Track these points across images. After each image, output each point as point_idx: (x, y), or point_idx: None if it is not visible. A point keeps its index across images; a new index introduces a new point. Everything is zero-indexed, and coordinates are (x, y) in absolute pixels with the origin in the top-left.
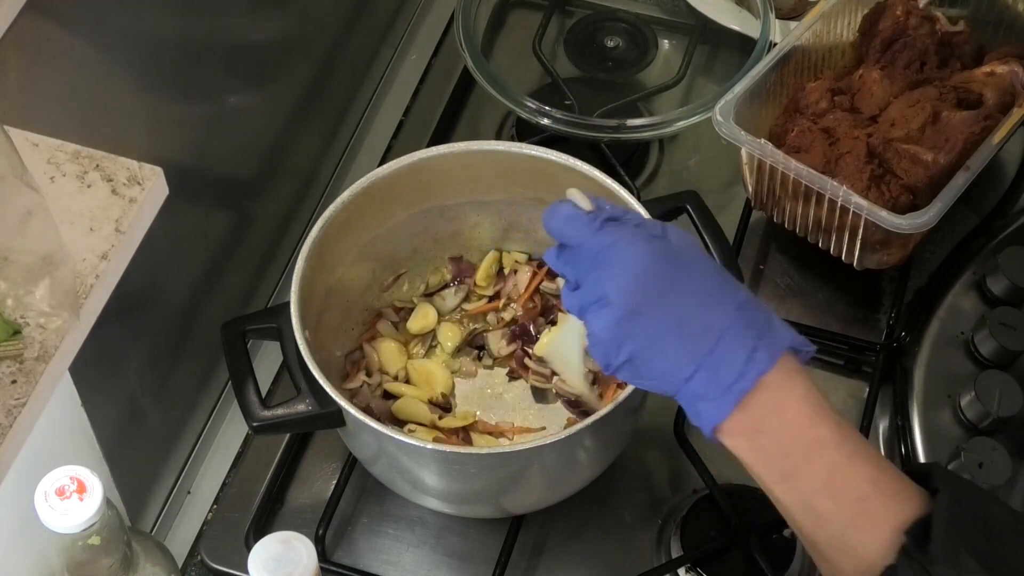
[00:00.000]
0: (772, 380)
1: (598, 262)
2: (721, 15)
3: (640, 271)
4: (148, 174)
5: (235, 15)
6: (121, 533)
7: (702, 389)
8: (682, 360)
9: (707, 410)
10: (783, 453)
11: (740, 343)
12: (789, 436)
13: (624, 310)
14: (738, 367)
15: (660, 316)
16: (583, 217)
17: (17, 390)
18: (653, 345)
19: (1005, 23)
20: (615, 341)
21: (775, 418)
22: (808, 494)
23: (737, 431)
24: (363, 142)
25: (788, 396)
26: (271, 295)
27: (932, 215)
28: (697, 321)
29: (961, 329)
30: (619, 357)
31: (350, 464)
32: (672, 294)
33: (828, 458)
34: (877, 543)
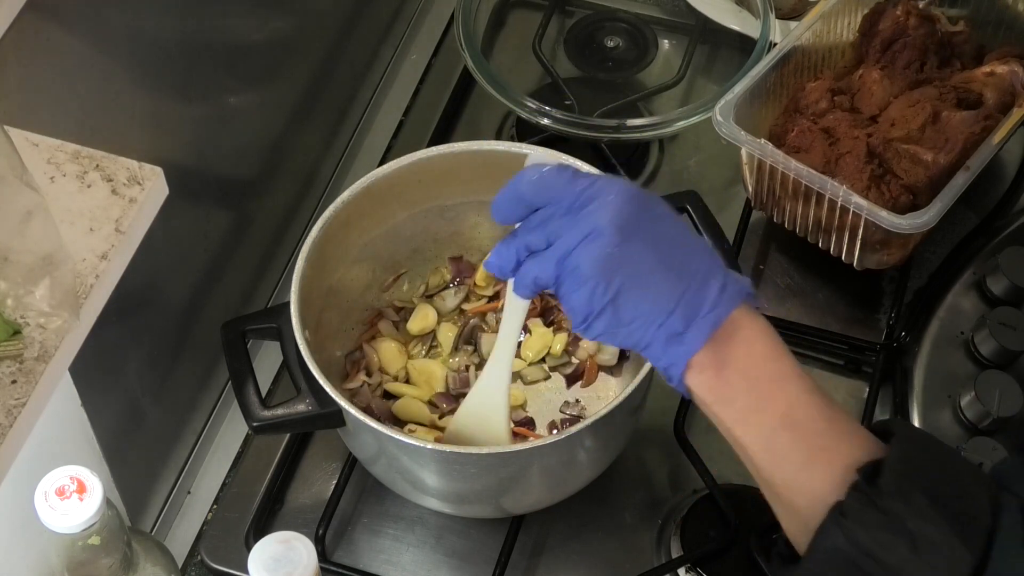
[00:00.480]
0: (738, 316)
1: (580, 204)
2: (721, 15)
3: (629, 198)
4: (148, 174)
5: (235, 15)
6: (121, 533)
7: (680, 324)
8: (665, 297)
9: (684, 341)
10: (748, 386)
11: (715, 278)
12: (755, 367)
13: (618, 237)
14: (713, 299)
15: (650, 245)
16: (553, 170)
17: (17, 390)
18: (642, 276)
19: (1005, 23)
20: (606, 275)
21: (742, 349)
22: (769, 429)
23: (707, 364)
24: (363, 142)
25: (753, 331)
26: (271, 295)
27: (932, 215)
28: (677, 259)
29: (961, 329)
30: (607, 294)
31: (350, 464)
32: (659, 226)
33: (789, 391)
34: (833, 481)
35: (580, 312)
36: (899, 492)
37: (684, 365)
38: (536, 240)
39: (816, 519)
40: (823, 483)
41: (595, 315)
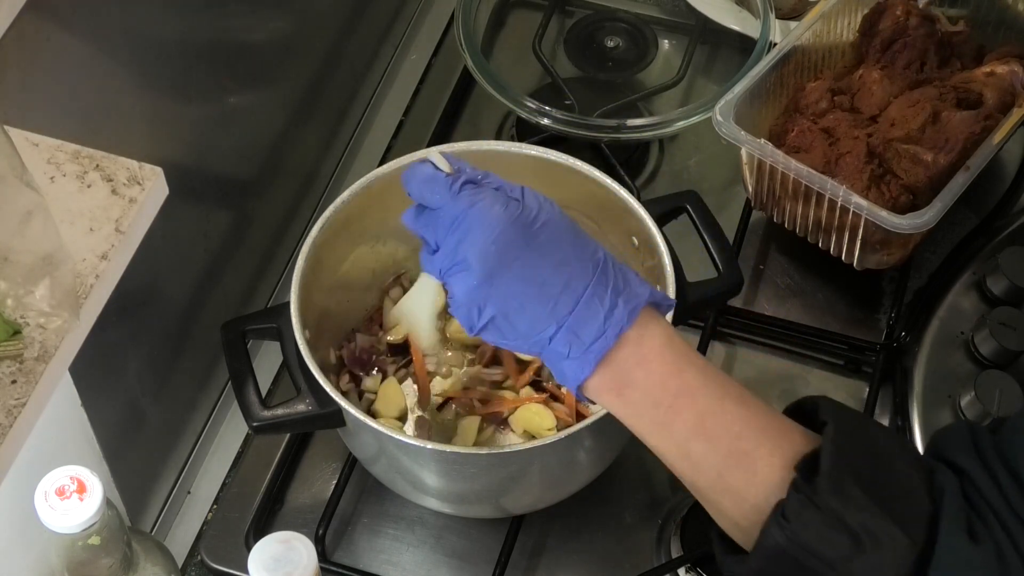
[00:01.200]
0: (634, 335)
1: (456, 226)
2: (721, 15)
3: (497, 235)
4: (148, 174)
5: (235, 15)
6: (121, 533)
7: (564, 349)
8: (543, 321)
9: (570, 369)
10: (652, 404)
11: (599, 301)
12: (656, 387)
13: (482, 274)
14: (598, 325)
15: (519, 279)
16: (442, 179)
17: (17, 390)
18: (513, 307)
19: (1005, 23)
20: (476, 304)
21: (640, 371)
22: (682, 441)
23: (604, 388)
24: (363, 142)
25: (650, 348)
26: (271, 295)
27: (932, 215)
28: (556, 282)
29: (961, 329)
30: (481, 319)
31: (350, 464)
32: (530, 256)
33: (697, 403)
34: (755, 483)
35: (464, 325)
36: (835, 487)
37: (575, 386)
38: (427, 237)
39: (746, 519)
40: (746, 486)
41: (477, 331)
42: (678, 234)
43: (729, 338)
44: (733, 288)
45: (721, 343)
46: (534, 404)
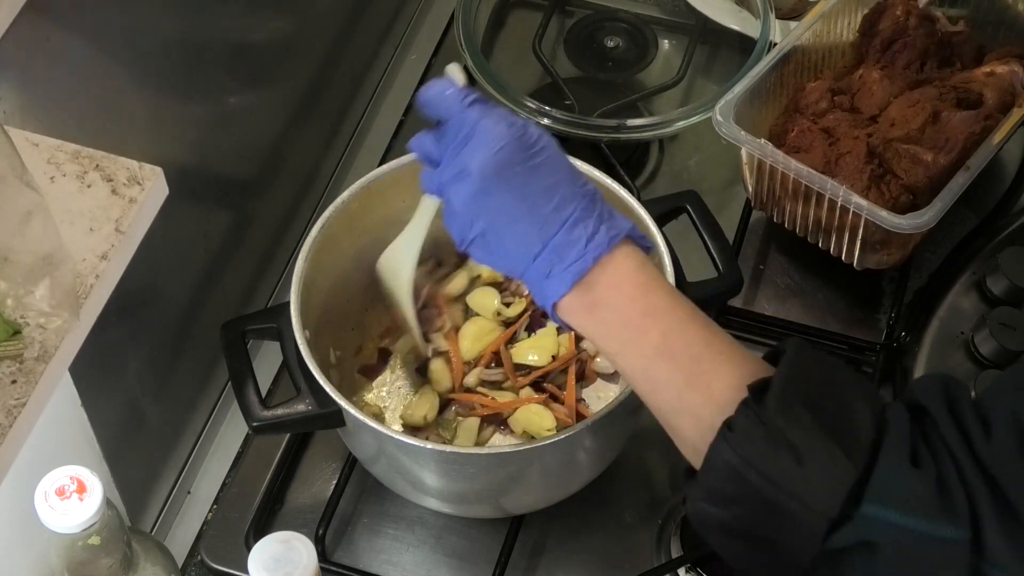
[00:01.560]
0: (610, 260)
1: (464, 136)
2: (721, 15)
3: (500, 148)
4: (148, 174)
5: (235, 15)
6: (121, 533)
7: (546, 267)
8: (531, 239)
9: (550, 287)
10: (621, 323)
11: (583, 226)
12: (626, 306)
13: (481, 183)
14: (580, 248)
15: (514, 194)
16: (455, 92)
17: (17, 390)
18: (505, 222)
19: (1005, 23)
20: (470, 214)
21: (613, 291)
22: (647, 359)
23: (578, 306)
24: (363, 142)
25: (624, 272)
26: (271, 295)
27: (932, 215)
28: (548, 204)
29: (961, 329)
30: (472, 231)
31: (350, 464)
32: (527, 176)
33: (662, 322)
34: (712, 403)
35: (456, 236)
36: (782, 407)
37: (550, 303)
38: (431, 153)
39: (703, 440)
40: (703, 405)
41: (467, 243)
42: (678, 234)
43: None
44: (733, 288)
45: None
46: (534, 405)
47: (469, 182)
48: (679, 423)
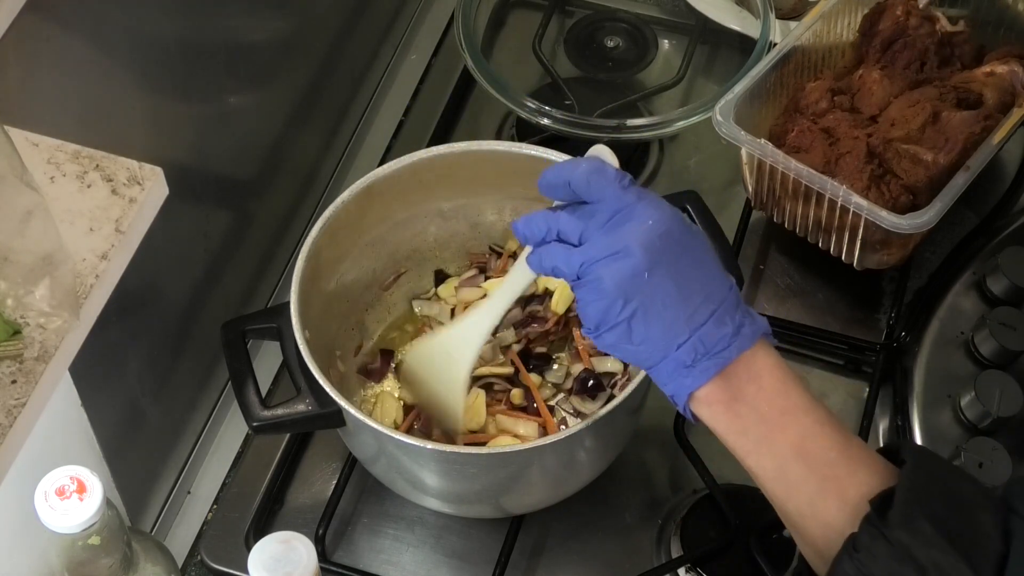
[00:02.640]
0: (752, 355)
1: (622, 217)
2: (721, 15)
3: (665, 231)
4: (148, 174)
5: (235, 15)
6: (121, 533)
7: (689, 356)
8: (679, 326)
9: (691, 376)
10: (759, 419)
11: (731, 318)
12: (765, 402)
13: (645, 264)
14: (726, 340)
15: (673, 279)
16: (610, 173)
17: (17, 390)
18: (658, 307)
19: (1005, 23)
20: (625, 295)
21: (752, 385)
22: (781, 460)
23: (715, 399)
24: (363, 142)
25: (762, 367)
26: (271, 295)
27: (932, 215)
28: (700, 292)
29: (961, 329)
30: (621, 313)
31: (350, 464)
32: (685, 261)
33: (800, 423)
34: (845, 512)
35: (592, 320)
36: (907, 523)
37: (687, 396)
38: (570, 231)
39: (830, 548)
40: (836, 513)
41: (607, 328)
42: None
43: None
44: None
45: None
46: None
47: (630, 262)
48: (807, 526)
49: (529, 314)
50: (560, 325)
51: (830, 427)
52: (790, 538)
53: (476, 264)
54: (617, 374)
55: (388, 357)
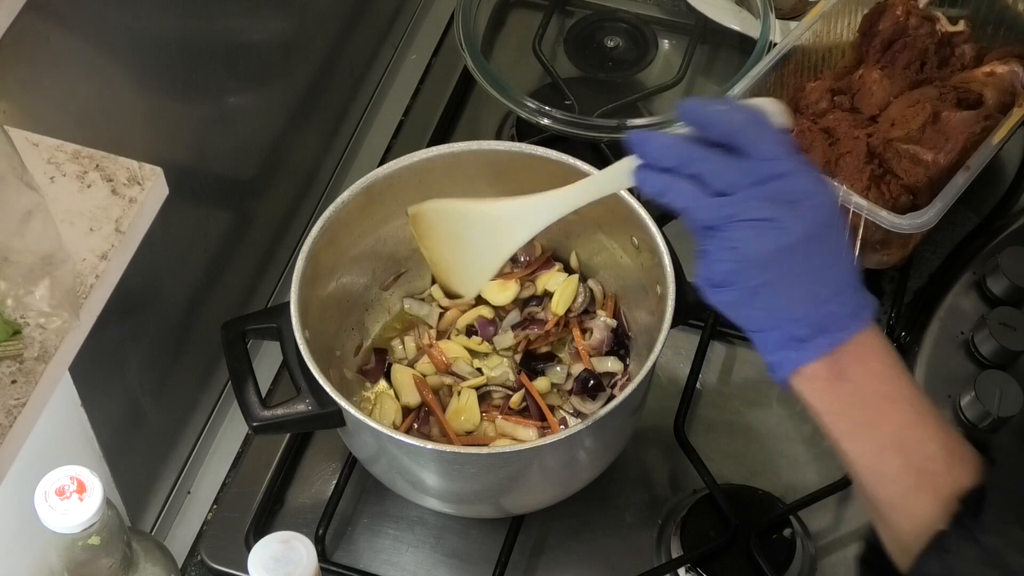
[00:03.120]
0: (863, 337)
1: (783, 184)
2: (721, 15)
3: (825, 212)
4: (148, 174)
5: (235, 15)
6: (121, 533)
7: (803, 332)
8: (801, 303)
9: (802, 351)
10: (861, 403)
11: (852, 300)
12: (870, 386)
13: (798, 242)
14: (844, 320)
15: (814, 258)
16: (775, 129)
17: (17, 390)
18: (792, 280)
19: (1005, 23)
20: (764, 265)
21: (859, 367)
22: (879, 448)
23: (820, 376)
24: (363, 142)
25: (873, 350)
26: (271, 295)
27: (932, 215)
28: (831, 271)
29: (961, 329)
30: (753, 280)
31: (350, 464)
32: (828, 242)
33: (903, 412)
34: (937, 507)
35: (716, 278)
36: (999, 525)
37: (792, 369)
38: (716, 176)
39: (916, 541)
40: (928, 508)
41: (728, 288)
42: (678, 234)
43: (729, 338)
44: None
45: (721, 343)
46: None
47: (784, 235)
48: (895, 517)
49: (527, 315)
50: (560, 326)
51: (932, 418)
52: (790, 538)
53: None
54: (617, 374)
55: (382, 356)
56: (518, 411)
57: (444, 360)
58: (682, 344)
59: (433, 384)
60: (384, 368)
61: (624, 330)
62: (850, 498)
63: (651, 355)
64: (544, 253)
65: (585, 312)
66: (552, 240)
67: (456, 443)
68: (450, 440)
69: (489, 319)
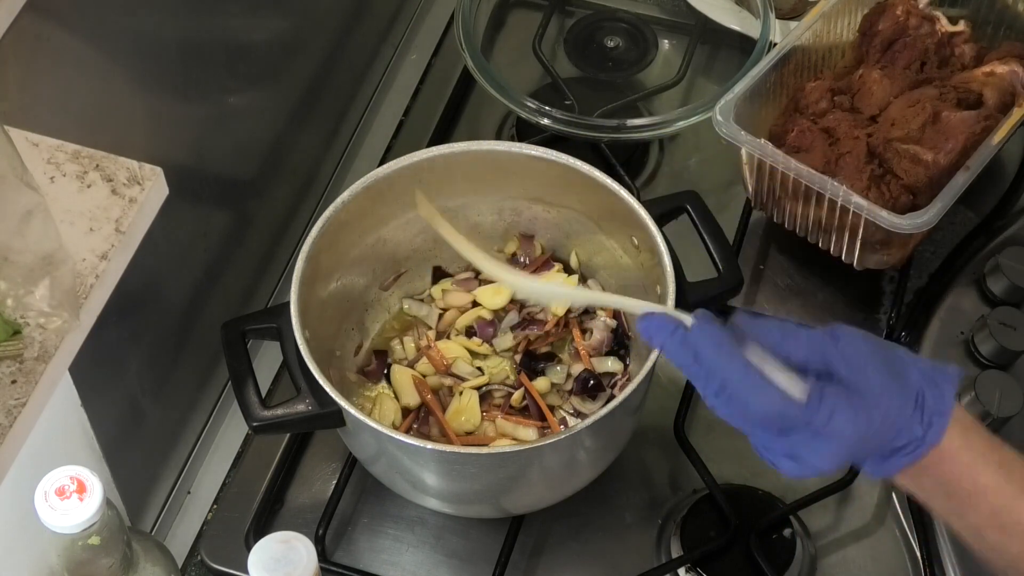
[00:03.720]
0: (937, 448)
1: (818, 432)
2: (721, 15)
3: (860, 432)
4: (148, 174)
5: (235, 15)
6: (121, 533)
7: (878, 455)
8: (875, 448)
9: (877, 468)
10: (945, 495)
11: (920, 425)
12: (949, 483)
13: (853, 442)
14: (915, 443)
15: (871, 423)
16: (797, 410)
17: (17, 390)
18: (858, 441)
19: (1005, 23)
20: (838, 460)
21: (935, 468)
22: (976, 529)
23: (902, 473)
24: (363, 142)
25: (949, 453)
26: (271, 295)
27: (932, 215)
28: (898, 407)
29: (961, 329)
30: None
31: (350, 464)
32: (884, 396)
33: (990, 502)
34: None
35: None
36: None
37: (878, 478)
38: (772, 445)
39: None
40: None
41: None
42: (678, 234)
43: None
44: (733, 288)
45: None
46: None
47: (839, 447)
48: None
49: (526, 316)
50: (560, 326)
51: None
52: (790, 538)
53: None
54: (617, 374)
55: (382, 357)
56: (519, 410)
57: (443, 361)
58: None
59: (433, 385)
60: (383, 369)
61: (624, 330)
62: (850, 498)
63: (651, 355)
64: (544, 253)
65: (585, 312)
66: (552, 240)
67: (456, 443)
68: (450, 440)
69: (488, 320)
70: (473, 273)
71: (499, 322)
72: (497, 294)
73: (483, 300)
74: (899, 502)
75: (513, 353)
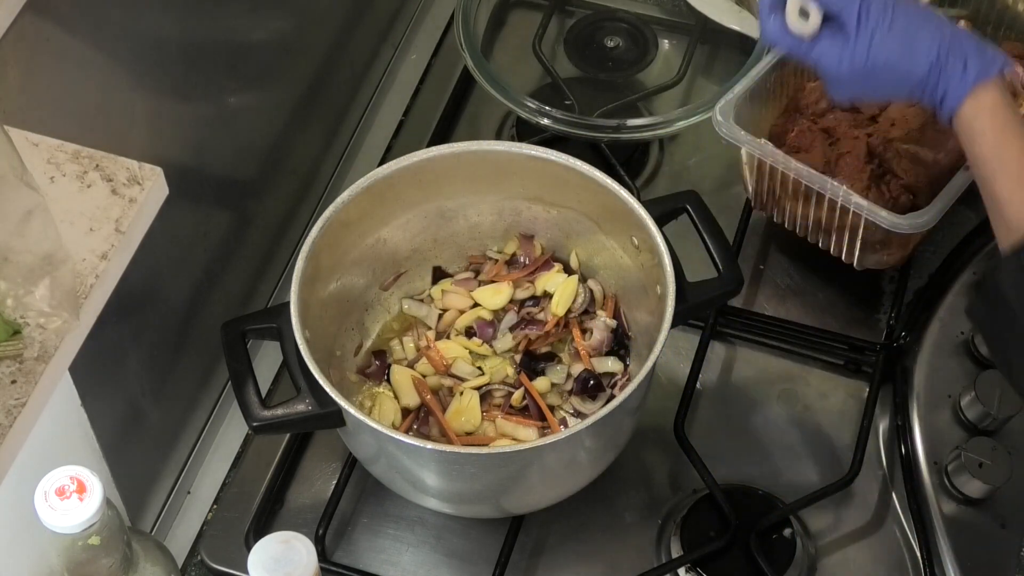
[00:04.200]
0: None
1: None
2: (721, 15)
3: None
4: (148, 174)
5: (235, 15)
6: (121, 533)
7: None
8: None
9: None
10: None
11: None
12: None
13: (850, 80)
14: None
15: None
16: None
17: (17, 390)
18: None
19: (1005, 23)
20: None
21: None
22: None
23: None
24: (363, 142)
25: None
26: (271, 295)
27: (932, 215)
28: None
29: (961, 329)
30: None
31: (350, 464)
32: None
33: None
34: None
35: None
36: None
37: (965, 96)
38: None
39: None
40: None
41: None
42: (678, 234)
43: (729, 338)
44: (733, 288)
45: (721, 343)
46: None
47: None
48: (1008, 210)
49: (525, 316)
50: (560, 326)
51: None
52: (790, 538)
53: (472, 266)
54: (617, 374)
55: (382, 358)
56: (519, 410)
57: (443, 362)
58: (682, 344)
59: (432, 385)
60: (384, 370)
61: (624, 330)
62: (850, 498)
63: (651, 355)
64: (544, 254)
65: (585, 312)
66: (552, 240)
67: (456, 443)
68: (450, 440)
69: (488, 320)
70: (473, 273)
71: (499, 322)
72: (497, 294)
73: (483, 300)
74: (899, 502)
75: (513, 353)
